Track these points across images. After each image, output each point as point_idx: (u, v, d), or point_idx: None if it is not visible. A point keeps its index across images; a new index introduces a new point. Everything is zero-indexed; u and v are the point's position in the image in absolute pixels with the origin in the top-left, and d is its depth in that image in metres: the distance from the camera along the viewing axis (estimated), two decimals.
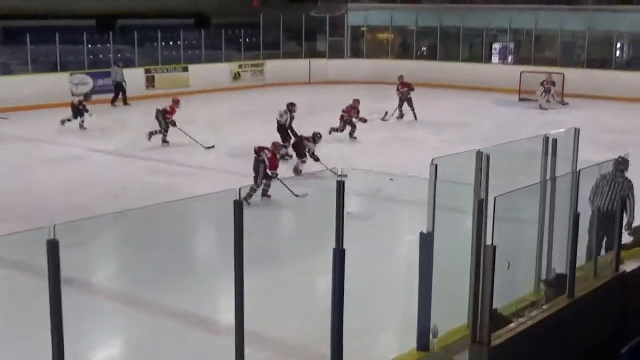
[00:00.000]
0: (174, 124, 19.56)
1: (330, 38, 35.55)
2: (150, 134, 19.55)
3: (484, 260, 5.52)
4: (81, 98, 22.53)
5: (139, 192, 14.67)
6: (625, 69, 31.49)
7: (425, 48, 36.68)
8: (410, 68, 33.52)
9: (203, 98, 28.56)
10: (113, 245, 10.90)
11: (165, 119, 19.63)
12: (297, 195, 13.42)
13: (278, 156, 14.73)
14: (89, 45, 28.76)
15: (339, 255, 5.48)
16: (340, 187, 5.44)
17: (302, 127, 19.28)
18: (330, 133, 19.49)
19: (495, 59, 35.29)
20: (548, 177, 7.28)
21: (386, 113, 23.24)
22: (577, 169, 7.01)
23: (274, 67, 33.56)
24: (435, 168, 6.10)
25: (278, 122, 18.48)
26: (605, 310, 7.01)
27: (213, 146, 19.09)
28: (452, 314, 6.46)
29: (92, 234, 9.47)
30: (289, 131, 18.17)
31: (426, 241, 6.17)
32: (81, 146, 19.50)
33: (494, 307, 5.76)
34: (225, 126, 22.61)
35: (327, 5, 36.21)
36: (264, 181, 14.06)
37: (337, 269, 5.49)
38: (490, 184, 6.35)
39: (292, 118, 18.46)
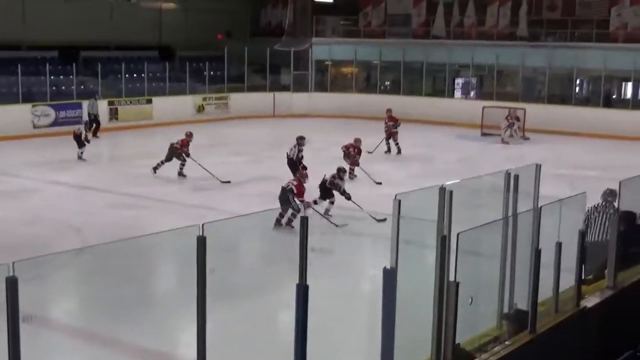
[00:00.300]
0: (187, 154, 19.63)
1: (295, 72, 35.73)
2: (155, 168, 19.61)
3: (447, 296, 5.54)
4: (82, 128, 22.39)
5: (101, 226, 14.53)
6: (584, 104, 32.04)
7: (389, 82, 37.02)
8: (374, 102, 33.90)
9: (166, 131, 28.43)
10: (73, 281, 10.75)
11: (175, 150, 19.66)
12: (337, 226, 13.37)
13: (304, 183, 14.61)
14: (52, 77, 28.59)
15: (302, 291, 5.45)
16: (304, 223, 5.44)
17: (267, 161, 19.32)
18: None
19: (457, 93, 35.72)
20: (510, 213, 7.35)
21: (376, 147, 23.45)
22: (539, 205, 7.08)
23: (238, 100, 33.61)
24: (398, 204, 6.12)
25: (288, 156, 18.44)
26: (566, 346, 7.06)
27: (229, 181, 18.93)
28: (415, 350, 6.45)
29: (52, 269, 9.35)
30: (299, 165, 17.94)
31: (389, 277, 6.16)
32: (42, 179, 19.30)
33: (457, 342, 5.78)
34: (188, 159, 22.52)
35: (291, 39, 36.43)
36: (290, 211, 13.89)
37: (301, 304, 5.46)
38: (453, 219, 6.39)
39: (300, 151, 18.39)
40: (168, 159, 19.67)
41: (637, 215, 9.51)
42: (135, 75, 31.66)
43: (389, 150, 23.97)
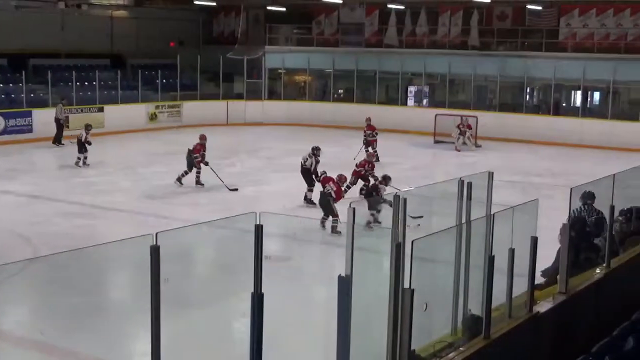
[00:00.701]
0: (204, 163, 19.41)
1: (248, 80, 35.66)
2: (179, 179, 19.34)
3: (402, 303, 5.56)
4: (83, 132, 22.27)
5: (51, 235, 14.33)
6: (535, 112, 32.51)
7: (342, 91, 37.14)
8: (327, 110, 34.05)
9: (119, 139, 28.25)
10: (24, 291, 10.58)
11: (193, 158, 19.39)
12: (414, 217, 13.23)
13: (343, 188, 14.63)
14: (1, 85, 28.24)
15: (258, 300, 5.44)
16: (258, 231, 5.42)
17: (221, 169, 19.26)
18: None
19: (410, 101, 35.97)
20: (464, 220, 7.40)
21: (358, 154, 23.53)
22: (492, 212, 7.14)
23: (191, 108, 33.44)
24: (353, 212, 6.13)
25: (302, 165, 18.21)
26: (520, 351, 7.12)
27: (237, 189, 18.89)
28: (371, 357, 6.47)
29: (1, 279, 9.19)
30: (313, 175, 17.70)
31: (344, 284, 6.16)
32: None
33: (412, 348, 5.79)
34: (141, 167, 22.36)
35: (244, 47, 36.37)
36: (331, 217, 13.84)
37: (256, 313, 5.44)
38: (408, 226, 6.42)
39: (317, 162, 18.09)
40: (189, 166, 19.43)
41: (587, 222, 9.67)
42: (86, 83, 31.33)
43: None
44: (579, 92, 32.81)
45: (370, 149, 23.46)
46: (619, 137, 28.59)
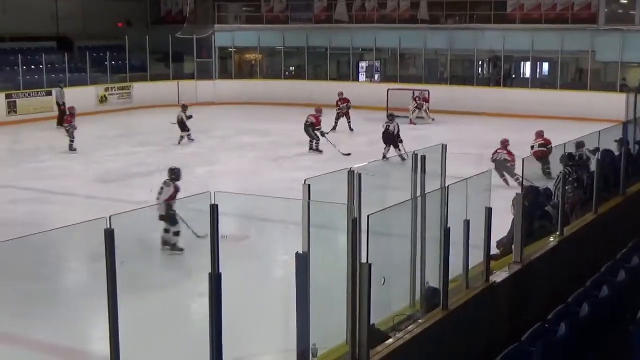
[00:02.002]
0: (322, 133, 21.51)
1: (198, 59, 35.32)
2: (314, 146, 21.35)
3: (359, 278, 5.57)
4: (181, 113, 22.93)
5: (2, 222, 14.07)
6: (486, 85, 32.75)
7: (293, 68, 37.02)
8: (279, 88, 33.89)
9: None
10: None
11: (314, 130, 21.41)
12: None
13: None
14: None
15: (215, 280, 5.40)
16: (214, 210, 5.38)
17: (174, 149, 19.10)
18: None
19: (362, 77, 35.99)
20: (418, 193, 7.44)
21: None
22: (446, 185, 7.19)
23: (141, 89, 33.05)
24: (308, 188, 6.12)
25: (388, 130, 20.48)
26: (477, 321, 7.20)
27: (350, 154, 20.31)
28: (331, 333, 6.49)
29: None
30: (397, 138, 20.20)
31: (302, 261, 6.16)
32: None
33: (371, 322, 5.82)
34: (93, 151, 22.07)
35: (193, 26, 35.99)
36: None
37: (214, 293, 5.41)
38: (363, 201, 6.43)
39: (398, 125, 20.78)
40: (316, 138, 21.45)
41: (540, 191, 9.79)
42: (32, 67, 30.77)
43: (334, 128, 25.01)
44: (528, 63, 33.12)
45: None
46: (567, 106, 28.95)
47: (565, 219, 9.29)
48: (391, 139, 20.30)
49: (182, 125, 22.77)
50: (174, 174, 13.26)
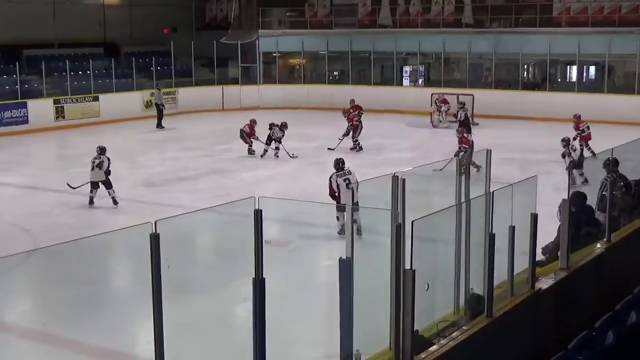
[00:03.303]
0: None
1: (242, 64, 35.52)
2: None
3: (403, 284, 5.55)
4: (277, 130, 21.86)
5: (51, 227, 14.31)
6: (531, 89, 32.43)
7: (337, 72, 37.04)
8: (323, 92, 33.90)
9: (115, 127, 28.15)
10: (26, 283, 10.57)
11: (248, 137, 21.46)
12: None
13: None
14: None
15: (259, 285, 5.42)
16: (258, 215, 5.39)
17: (218, 154, 19.21)
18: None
19: (406, 81, 35.87)
20: (463, 199, 7.38)
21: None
22: (491, 190, 7.13)
23: (186, 94, 33.32)
24: (352, 193, 6.11)
25: (459, 119, 22.27)
26: (523, 329, 7.12)
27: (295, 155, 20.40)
28: (374, 339, 6.46)
29: (3, 272, 9.19)
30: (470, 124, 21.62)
31: (345, 267, 6.15)
32: None
33: (415, 329, 5.79)
34: (139, 155, 22.30)
35: (238, 32, 36.22)
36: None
37: (258, 298, 5.43)
38: (408, 206, 6.40)
39: (466, 111, 22.98)
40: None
41: (587, 196, 9.66)
42: (80, 72, 31.14)
43: (358, 147, 22.88)
44: (574, 67, 32.73)
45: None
46: (614, 111, 28.53)
47: (613, 225, 9.16)
48: (464, 125, 21.25)
49: (268, 139, 21.72)
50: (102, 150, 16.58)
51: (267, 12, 37.20)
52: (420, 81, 35.66)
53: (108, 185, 16.21)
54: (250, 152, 21.35)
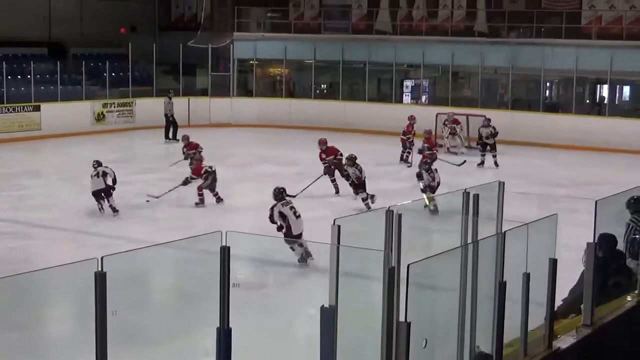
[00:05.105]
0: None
1: (213, 73, 35.58)
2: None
3: (396, 339, 5.54)
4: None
5: None
6: (554, 111, 32.60)
7: (325, 86, 37.17)
8: (307, 109, 33.99)
9: (59, 144, 28.08)
10: None
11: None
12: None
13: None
14: None
15: (224, 336, 5.41)
16: (225, 253, 5.39)
17: (182, 179, 19.18)
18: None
19: (406, 98, 36.01)
20: (470, 239, 7.40)
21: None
22: (503, 230, 7.15)
23: (145, 106, 33.29)
24: (337, 230, 6.12)
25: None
26: None
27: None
28: None
29: None
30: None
31: (328, 316, 6.14)
32: None
33: None
34: (85, 178, 22.19)
35: (209, 34, 36.32)
36: None
37: (222, 351, 5.42)
38: (403, 246, 6.41)
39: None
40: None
41: (617, 240, 9.69)
42: (19, 77, 31.19)
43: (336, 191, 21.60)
44: (605, 87, 32.96)
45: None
46: None
47: None
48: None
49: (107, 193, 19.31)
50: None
51: (244, 12, 37.37)
52: (423, 98, 35.82)
53: (108, 193, 17.84)
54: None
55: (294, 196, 20.53)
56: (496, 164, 24.89)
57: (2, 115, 28.87)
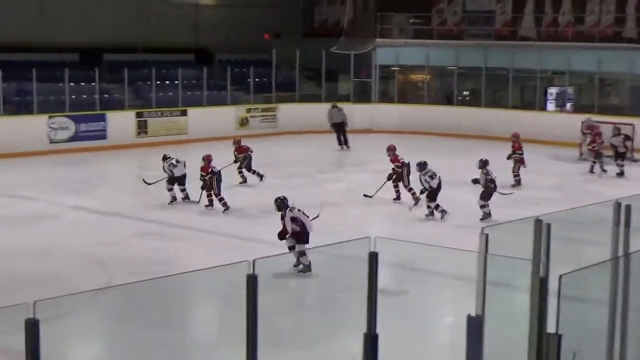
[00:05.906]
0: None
1: (355, 79, 35.67)
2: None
3: (546, 351, 5.47)
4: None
5: (127, 258, 14.69)
6: None
7: (467, 92, 36.85)
8: (449, 116, 33.72)
9: (204, 147, 28.60)
10: (98, 322, 10.86)
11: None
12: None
13: None
14: (71, 84, 28.71)
15: (371, 342, 5.43)
16: (373, 259, 5.42)
17: (324, 184, 19.26)
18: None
19: (551, 106, 35.36)
20: (621, 252, 7.24)
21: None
22: None
23: (288, 111, 33.73)
24: (485, 238, 6.07)
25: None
26: None
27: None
28: None
29: (73, 308, 9.46)
30: None
31: (474, 326, 6.11)
32: (58, 203, 19.55)
33: None
34: (229, 182, 22.59)
35: (351, 40, 36.43)
36: None
37: (370, 357, 5.44)
38: (552, 258, 6.31)
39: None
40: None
41: None
42: (167, 82, 31.87)
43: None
44: None
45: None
46: None
47: None
48: None
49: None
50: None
51: (386, 19, 37.36)
52: (568, 106, 35.08)
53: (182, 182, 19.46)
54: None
55: (371, 196, 20.53)
56: (622, 173, 24.31)
57: (152, 120, 29.63)
